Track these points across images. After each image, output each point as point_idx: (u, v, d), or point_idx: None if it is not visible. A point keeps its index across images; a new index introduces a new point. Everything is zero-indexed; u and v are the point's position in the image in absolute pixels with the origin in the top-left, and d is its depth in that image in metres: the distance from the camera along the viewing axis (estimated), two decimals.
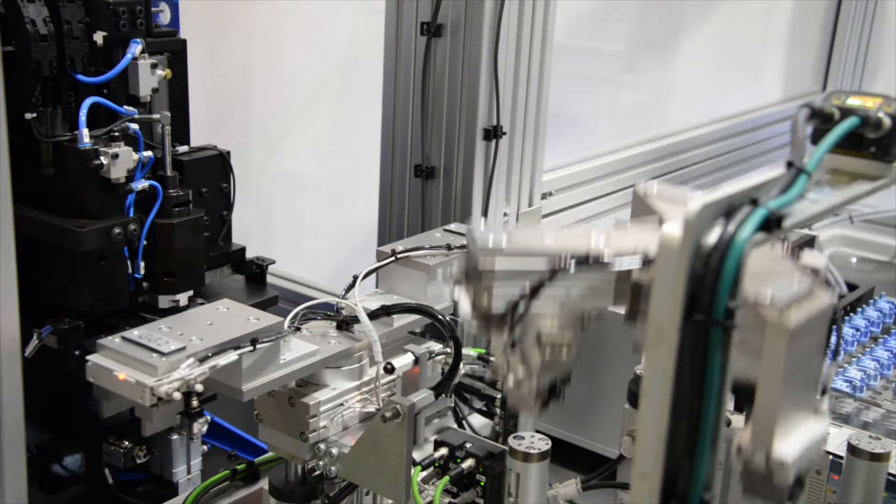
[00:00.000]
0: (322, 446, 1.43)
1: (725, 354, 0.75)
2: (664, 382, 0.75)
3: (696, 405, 0.75)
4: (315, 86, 3.28)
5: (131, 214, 1.75)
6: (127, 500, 1.92)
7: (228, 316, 1.38)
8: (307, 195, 3.37)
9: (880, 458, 1.35)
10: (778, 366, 0.89)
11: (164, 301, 1.81)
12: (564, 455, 1.82)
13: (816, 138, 0.94)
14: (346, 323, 1.48)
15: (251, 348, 1.28)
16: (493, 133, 2.29)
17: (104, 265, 1.72)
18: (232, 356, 1.26)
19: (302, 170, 3.36)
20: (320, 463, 1.44)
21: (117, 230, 1.69)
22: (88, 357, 1.28)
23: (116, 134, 1.72)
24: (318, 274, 2.91)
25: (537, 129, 2.42)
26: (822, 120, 0.94)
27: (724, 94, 4.11)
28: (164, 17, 1.91)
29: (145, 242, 1.76)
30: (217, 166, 1.92)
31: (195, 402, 1.87)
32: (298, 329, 1.43)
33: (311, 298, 1.53)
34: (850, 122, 0.94)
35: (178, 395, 1.20)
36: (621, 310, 1.87)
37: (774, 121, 4.04)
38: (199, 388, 1.22)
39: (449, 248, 1.63)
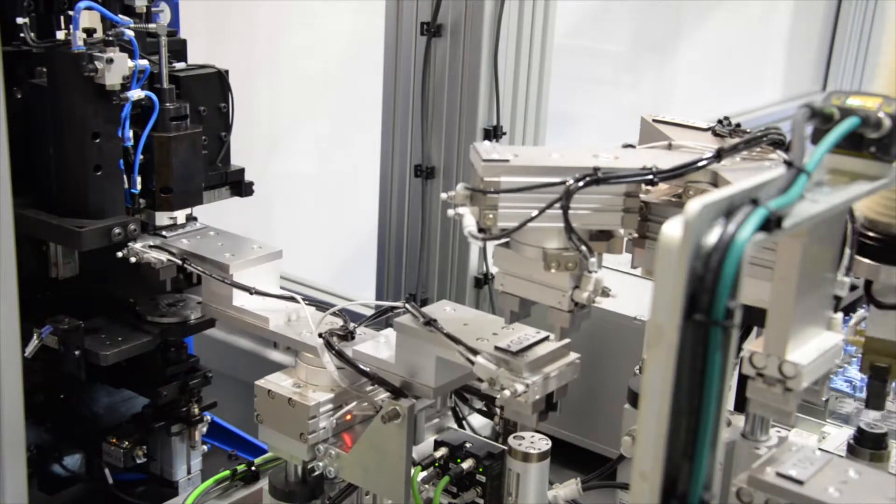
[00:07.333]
0: (322, 447, 1.43)
1: (725, 354, 0.74)
2: (664, 382, 0.75)
3: (696, 405, 0.75)
4: (315, 86, 3.28)
5: (127, 128, 1.66)
6: (127, 500, 1.92)
7: None
8: (307, 195, 3.37)
9: (880, 458, 1.35)
10: (792, 271, 0.91)
11: (161, 218, 1.75)
12: (564, 455, 1.82)
13: (816, 138, 0.93)
14: (345, 337, 1.47)
15: None
16: (493, 133, 2.29)
17: (100, 176, 1.65)
18: None
19: (302, 170, 3.36)
20: (320, 464, 1.45)
21: (117, 230, 1.68)
22: None
23: (111, 39, 1.63)
24: (319, 274, 2.91)
25: (537, 129, 2.42)
26: (822, 120, 0.94)
27: (724, 94, 4.12)
28: (164, 17, 1.90)
29: (142, 157, 1.69)
30: (215, 85, 1.83)
31: (196, 410, 1.88)
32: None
33: (311, 298, 1.52)
34: (850, 122, 0.94)
35: None
36: (621, 310, 1.88)
37: (774, 121, 4.04)
38: None
39: None
